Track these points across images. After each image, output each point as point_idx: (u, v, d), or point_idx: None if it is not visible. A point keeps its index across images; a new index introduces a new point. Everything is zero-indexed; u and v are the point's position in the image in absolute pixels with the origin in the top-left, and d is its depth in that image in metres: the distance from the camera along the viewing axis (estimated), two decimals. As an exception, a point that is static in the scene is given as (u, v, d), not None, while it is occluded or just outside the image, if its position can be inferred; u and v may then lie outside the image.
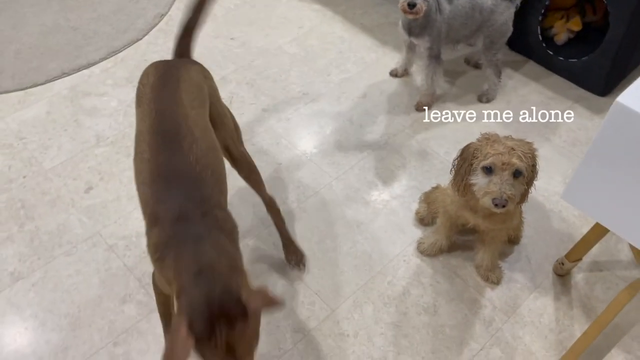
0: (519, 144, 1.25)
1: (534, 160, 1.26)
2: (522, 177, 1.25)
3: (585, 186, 0.85)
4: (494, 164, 1.24)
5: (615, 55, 2.01)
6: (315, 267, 1.59)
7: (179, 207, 0.99)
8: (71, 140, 1.87)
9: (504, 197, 1.22)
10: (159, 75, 1.17)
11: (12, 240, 1.60)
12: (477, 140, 1.33)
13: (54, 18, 2.33)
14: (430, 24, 1.83)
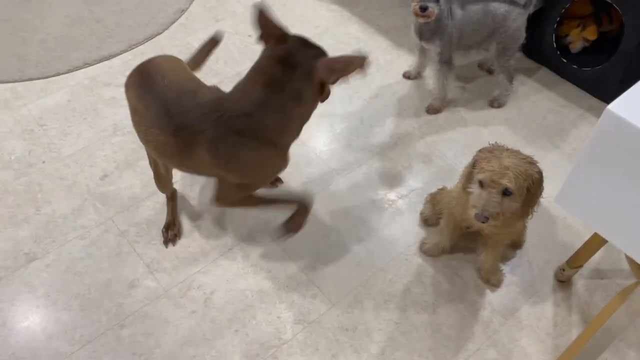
0: (517, 164, 1.26)
1: (529, 181, 1.26)
2: (513, 195, 1.27)
3: (577, 191, 0.87)
4: (485, 180, 1.28)
5: (628, 65, 2.02)
6: (318, 262, 1.62)
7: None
8: (89, 129, 1.94)
9: (486, 214, 1.27)
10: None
11: (28, 222, 1.66)
12: (484, 149, 1.35)
13: (79, 10, 2.40)
14: (441, 29, 1.85)
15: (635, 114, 0.76)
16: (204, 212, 1.72)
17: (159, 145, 1.26)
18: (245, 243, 1.65)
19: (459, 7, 1.87)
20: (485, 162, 1.29)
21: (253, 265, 1.60)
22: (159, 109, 1.22)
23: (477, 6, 1.89)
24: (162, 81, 1.26)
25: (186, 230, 1.67)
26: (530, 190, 1.28)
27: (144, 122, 1.27)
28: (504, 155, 1.28)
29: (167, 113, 1.21)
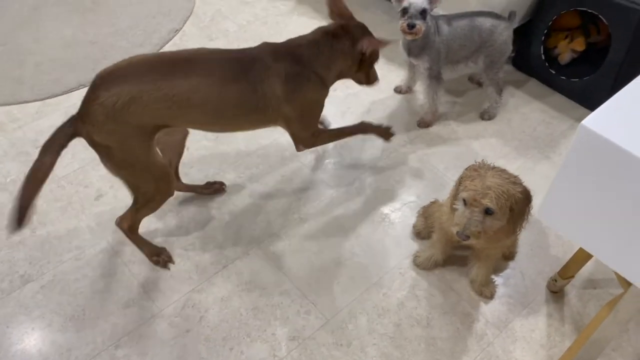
0: (499, 184, 1.28)
1: (512, 201, 1.28)
2: (495, 214, 1.29)
3: (558, 205, 0.88)
4: (467, 199, 1.30)
5: (616, 75, 2.04)
6: (312, 277, 1.63)
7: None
8: (84, 150, 1.94)
9: (467, 232, 1.30)
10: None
11: (24, 244, 1.67)
12: (470, 167, 1.37)
13: (74, 32, 2.43)
14: (428, 45, 1.88)
15: (610, 129, 0.78)
16: (198, 231, 1.74)
17: (232, 99, 1.42)
18: (239, 260, 1.66)
19: (445, 23, 1.91)
20: (469, 180, 1.31)
21: (247, 282, 1.61)
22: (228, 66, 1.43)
23: (463, 21, 1.92)
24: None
25: (180, 250, 1.68)
26: (514, 210, 1.29)
27: (214, 88, 1.39)
28: (488, 174, 1.30)
29: (236, 65, 1.43)
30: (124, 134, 1.35)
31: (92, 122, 1.34)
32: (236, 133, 1.97)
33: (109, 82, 1.34)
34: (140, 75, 1.34)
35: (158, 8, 2.60)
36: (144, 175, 1.44)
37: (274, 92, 1.46)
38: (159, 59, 1.39)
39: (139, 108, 1.33)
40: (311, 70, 1.51)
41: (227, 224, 1.76)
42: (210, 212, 1.79)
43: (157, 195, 1.50)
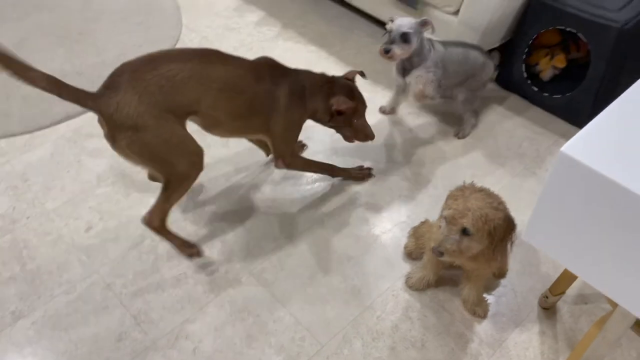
0: (480, 207, 1.30)
1: (490, 226, 1.30)
2: (473, 236, 1.31)
3: (541, 227, 0.90)
4: (447, 217, 1.33)
5: (597, 91, 2.08)
6: (305, 303, 1.63)
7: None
8: (73, 181, 1.95)
9: (441, 249, 1.33)
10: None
11: (14, 280, 1.66)
12: (457, 187, 1.39)
13: (60, 63, 2.44)
14: (423, 60, 1.90)
15: (589, 155, 0.80)
16: (188, 259, 1.73)
17: (258, 93, 1.59)
18: (232, 288, 1.66)
19: (441, 44, 1.95)
20: (452, 200, 1.33)
21: (240, 310, 1.61)
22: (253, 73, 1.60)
23: (458, 49, 1.98)
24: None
25: (172, 278, 1.68)
26: (493, 235, 1.31)
27: (236, 87, 1.55)
28: (471, 196, 1.32)
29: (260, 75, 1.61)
30: (163, 110, 1.41)
31: (138, 90, 1.37)
32: (228, 148, 1.98)
33: (168, 58, 1.44)
34: (197, 57, 1.49)
35: (145, 37, 2.62)
36: (179, 149, 1.48)
37: (281, 101, 1.64)
38: (203, 50, 1.57)
39: (196, 85, 1.45)
40: (303, 97, 1.69)
41: (218, 252, 1.75)
42: (200, 240, 1.79)
43: (193, 170, 1.55)
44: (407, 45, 1.81)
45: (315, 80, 1.73)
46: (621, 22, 1.94)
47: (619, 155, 0.79)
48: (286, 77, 1.66)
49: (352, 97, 1.74)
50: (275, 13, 2.82)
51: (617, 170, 0.77)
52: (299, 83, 1.69)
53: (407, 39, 1.80)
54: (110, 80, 1.42)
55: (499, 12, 2.08)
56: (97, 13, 2.76)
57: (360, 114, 1.79)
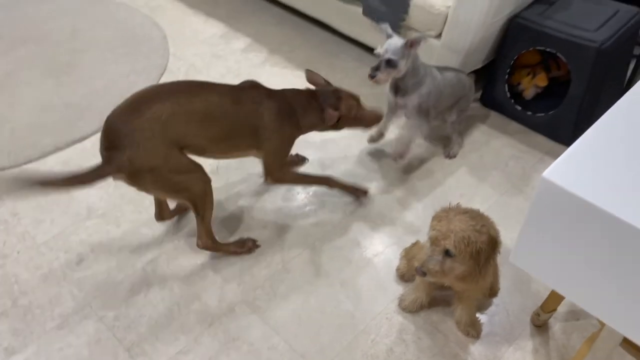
0: (463, 229, 1.31)
1: (472, 248, 1.31)
2: (456, 257, 1.33)
3: (527, 251, 0.92)
4: (431, 238, 1.36)
5: (579, 108, 2.13)
6: (299, 329, 1.63)
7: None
8: (63, 214, 1.95)
9: (424, 269, 1.36)
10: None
11: (6, 316, 1.65)
12: (444, 208, 1.41)
13: (49, 96, 2.45)
14: (418, 84, 1.93)
15: (570, 180, 0.82)
16: (181, 289, 1.73)
17: (241, 115, 1.64)
18: (225, 317, 1.66)
19: (438, 71, 1.99)
20: (437, 221, 1.36)
21: (234, 339, 1.60)
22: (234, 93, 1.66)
23: (451, 74, 2.04)
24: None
25: (164, 309, 1.67)
26: (476, 258, 1.33)
27: (222, 108, 1.61)
28: (455, 218, 1.34)
29: (239, 94, 1.67)
30: (166, 147, 1.50)
31: (138, 142, 1.45)
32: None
33: (147, 101, 1.50)
34: (173, 94, 1.53)
35: (132, 67, 2.64)
36: (189, 174, 1.59)
37: (266, 119, 1.68)
38: (176, 84, 1.60)
39: (178, 120, 1.51)
40: (294, 114, 1.74)
41: (210, 280, 1.76)
42: (192, 269, 1.79)
43: (206, 186, 1.66)
44: (393, 70, 1.84)
45: (302, 97, 1.78)
46: (598, 42, 2.00)
47: (599, 179, 0.82)
48: (270, 97, 1.70)
49: (339, 99, 1.79)
50: (261, 39, 2.86)
51: (597, 194, 0.79)
52: (286, 102, 1.73)
53: (393, 64, 1.83)
54: (108, 141, 1.48)
55: (480, 35, 2.13)
56: (84, 44, 2.78)
57: (357, 107, 1.83)
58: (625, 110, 0.96)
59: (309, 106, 1.77)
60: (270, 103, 1.69)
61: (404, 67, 1.86)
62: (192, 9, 3.10)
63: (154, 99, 1.51)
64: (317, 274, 1.79)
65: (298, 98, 1.77)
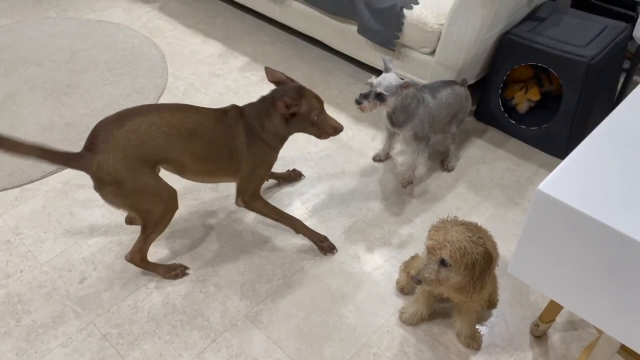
0: (459, 239, 1.34)
1: (468, 259, 1.34)
2: (451, 267, 1.36)
3: (525, 262, 0.95)
4: (428, 247, 1.39)
5: (572, 122, 2.17)
6: (303, 344, 1.65)
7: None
8: (66, 233, 1.97)
9: (419, 277, 1.40)
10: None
11: (9, 335, 1.66)
12: (441, 220, 1.45)
13: (49, 116, 2.48)
14: (410, 117, 1.96)
15: (565, 192, 0.85)
16: (184, 306, 1.75)
17: (218, 138, 1.67)
18: (228, 332, 1.67)
19: (430, 95, 2.01)
20: (434, 231, 1.39)
21: (237, 354, 1.62)
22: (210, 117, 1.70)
23: (445, 91, 2.05)
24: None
25: (168, 326, 1.69)
26: (471, 269, 1.36)
27: (198, 131, 1.65)
28: (452, 229, 1.37)
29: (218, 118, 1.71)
30: (137, 162, 1.54)
31: (111, 149, 1.52)
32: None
33: (132, 114, 1.58)
34: (158, 110, 1.62)
35: (131, 86, 2.68)
36: (154, 198, 1.63)
37: (241, 140, 1.70)
38: (165, 104, 1.68)
39: (158, 133, 1.56)
40: (256, 131, 1.72)
41: (212, 296, 1.77)
42: (195, 285, 1.80)
43: (167, 214, 1.69)
44: (380, 103, 1.87)
45: (254, 107, 1.74)
46: (588, 57, 2.05)
47: (593, 191, 0.85)
48: (241, 119, 1.71)
49: (301, 96, 1.71)
50: (259, 58, 2.91)
51: (592, 205, 0.82)
52: (249, 120, 1.71)
53: (382, 99, 1.86)
54: (89, 141, 1.56)
55: (473, 51, 2.18)
56: (83, 65, 2.82)
57: (318, 110, 1.73)
58: (617, 123, 1.00)
59: (264, 113, 1.72)
60: (240, 125, 1.70)
61: (392, 104, 1.90)
62: (190, 29, 3.15)
63: (138, 114, 1.59)
64: (318, 288, 1.81)
65: (252, 110, 1.74)
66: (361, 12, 2.41)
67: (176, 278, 1.82)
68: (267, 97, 1.75)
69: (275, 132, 1.74)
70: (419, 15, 2.23)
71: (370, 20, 2.39)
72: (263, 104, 1.74)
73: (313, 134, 1.79)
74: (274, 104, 1.70)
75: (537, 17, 2.31)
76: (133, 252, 1.73)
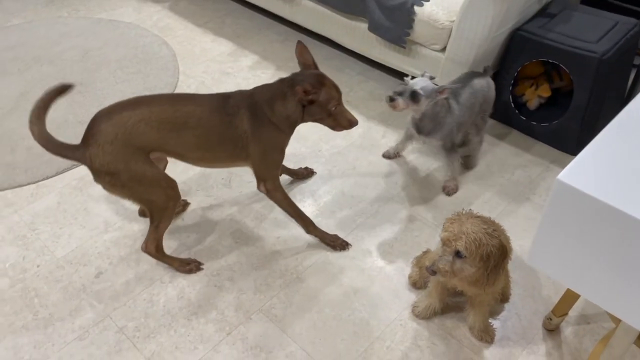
0: (474, 231, 1.35)
1: (483, 251, 1.35)
2: (466, 259, 1.37)
3: (544, 252, 0.96)
4: (443, 239, 1.40)
5: (583, 118, 2.18)
6: (316, 337, 1.66)
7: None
8: (81, 228, 1.99)
9: (434, 268, 1.41)
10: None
11: (27, 329, 1.68)
12: (457, 212, 1.46)
13: (63, 114, 2.51)
14: (439, 126, 1.94)
15: (584, 182, 0.86)
16: (199, 300, 1.77)
17: (215, 126, 1.64)
18: (242, 326, 1.69)
19: (454, 100, 1.96)
20: (449, 223, 1.40)
21: (252, 347, 1.63)
22: (211, 104, 1.67)
23: (466, 92, 2.00)
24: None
25: (183, 319, 1.71)
26: (486, 260, 1.37)
27: (202, 120, 1.63)
28: (467, 221, 1.38)
29: (219, 104, 1.67)
30: (128, 154, 1.56)
31: (100, 143, 1.54)
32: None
33: (121, 107, 1.59)
34: (148, 103, 1.61)
35: (143, 85, 2.71)
36: (153, 188, 1.64)
37: (244, 127, 1.67)
38: (161, 95, 1.68)
39: (146, 128, 1.56)
40: (264, 114, 1.68)
41: (227, 290, 1.79)
42: (209, 279, 1.82)
43: (169, 202, 1.69)
44: (413, 104, 1.84)
45: (266, 91, 1.70)
46: (600, 52, 2.05)
47: (612, 180, 0.86)
48: (244, 105, 1.67)
49: (321, 85, 1.67)
50: (269, 56, 2.93)
51: (611, 194, 0.83)
52: (256, 103, 1.67)
53: (416, 98, 1.83)
54: (85, 134, 1.60)
55: (484, 48, 2.19)
56: (96, 64, 2.85)
57: (336, 101, 1.71)
58: (634, 114, 1.01)
59: (279, 95, 1.67)
60: (244, 112, 1.66)
61: (423, 107, 1.87)
62: (200, 28, 3.17)
63: (127, 107, 1.59)
64: (331, 283, 1.82)
65: (263, 92, 1.69)
66: (371, 9, 2.42)
67: (190, 273, 1.84)
68: (287, 79, 1.70)
69: (286, 116, 1.69)
70: (430, 12, 2.24)
71: (380, 17, 2.40)
72: (281, 85, 1.69)
73: (328, 125, 1.76)
74: (292, 88, 1.65)
75: (547, 14, 2.32)
76: (147, 241, 1.75)
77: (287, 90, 1.67)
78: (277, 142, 1.75)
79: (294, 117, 1.71)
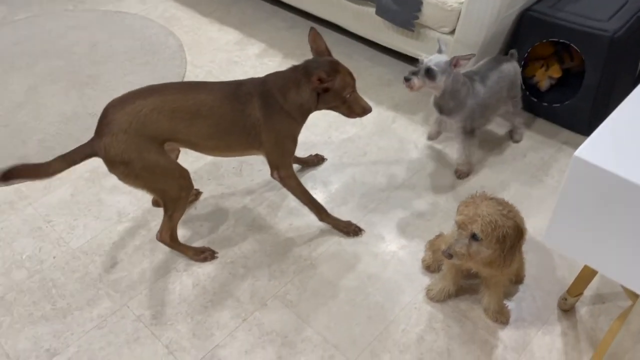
0: (490, 213, 1.35)
1: (499, 232, 1.35)
2: (482, 241, 1.37)
3: (561, 230, 0.95)
4: (458, 222, 1.40)
5: (594, 98, 2.16)
6: (331, 321, 1.67)
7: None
8: (95, 219, 2.01)
9: (450, 251, 1.41)
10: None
11: (46, 319, 1.70)
12: (471, 195, 1.46)
13: (73, 107, 2.52)
14: (460, 106, 1.91)
15: (602, 157, 0.86)
16: (214, 287, 1.78)
17: (227, 114, 1.63)
18: (258, 312, 1.70)
19: (480, 82, 1.95)
20: (464, 206, 1.40)
21: (268, 333, 1.65)
22: (222, 91, 1.65)
23: (494, 76, 1.98)
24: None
25: (199, 306, 1.72)
26: (502, 242, 1.36)
27: (214, 108, 1.63)
28: (482, 204, 1.38)
29: (230, 91, 1.66)
30: (141, 143, 1.56)
31: (114, 132, 1.54)
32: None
33: (133, 97, 1.59)
34: (161, 91, 1.61)
35: (151, 76, 2.71)
36: (166, 177, 1.64)
37: (256, 115, 1.66)
38: (173, 83, 1.67)
39: (159, 117, 1.57)
40: (276, 102, 1.67)
41: (241, 277, 1.80)
42: (224, 267, 1.84)
43: (182, 192, 1.70)
44: (430, 81, 1.82)
45: (279, 79, 1.68)
46: (611, 31, 2.03)
47: (630, 155, 0.85)
48: (256, 93, 1.65)
49: (336, 72, 1.67)
50: (276, 44, 2.92)
51: (629, 169, 0.83)
52: (269, 91, 1.66)
53: (432, 75, 1.81)
54: (98, 125, 1.61)
55: (493, 30, 2.17)
56: (104, 56, 2.85)
57: (351, 88, 1.71)
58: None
59: (293, 83, 1.66)
60: (256, 100, 1.65)
61: (442, 83, 1.85)
62: (206, 17, 3.17)
63: (140, 96, 1.59)
64: (344, 268, 1.83)
65: (276, 80, 1.68)
66: (379, -7, 2.41)
67: (205, 261, 1.85)
68: (300, 67, 1.68)
69: (299, 104, 1.68)
70: (438, -5, 2.22)
71: (388, 1, 2.39)
72: (294, 73, 1.67)
73: (342, 112, 1.75)
74: (306, 75, 1.65)
75: (557, -7, 2.29)
76: (161, 230, 1.76)
77: (301, 78, 1.66)
78: (289, 130, 1.73)
79: (308, 105, 1.70)
